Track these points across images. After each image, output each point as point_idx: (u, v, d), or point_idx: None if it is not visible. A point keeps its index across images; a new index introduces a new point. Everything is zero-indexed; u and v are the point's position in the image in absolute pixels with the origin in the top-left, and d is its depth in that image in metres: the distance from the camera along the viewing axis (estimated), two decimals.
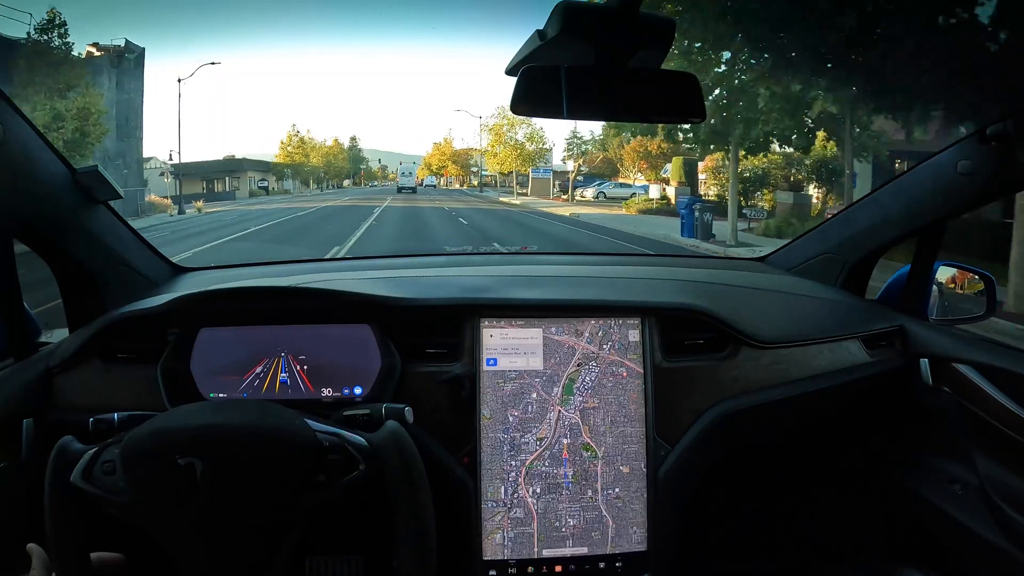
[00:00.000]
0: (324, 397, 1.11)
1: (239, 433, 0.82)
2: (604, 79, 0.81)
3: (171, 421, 0.83)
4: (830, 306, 1.35)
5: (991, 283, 1.31)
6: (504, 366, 1.13)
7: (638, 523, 1.12)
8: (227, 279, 1.38)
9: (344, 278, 1.32)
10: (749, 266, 1.65)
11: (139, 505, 0.82)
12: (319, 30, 46.17)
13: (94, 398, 1.09)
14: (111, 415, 0.90)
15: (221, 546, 0.84)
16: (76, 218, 1.17)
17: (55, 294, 1.24)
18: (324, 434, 0.85)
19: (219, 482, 0.79)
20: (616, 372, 1.14)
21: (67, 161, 1.12)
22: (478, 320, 1.14)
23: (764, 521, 1.45)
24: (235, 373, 1.10)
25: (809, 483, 1.44)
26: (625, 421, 1.13)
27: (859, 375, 1.24)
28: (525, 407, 1.12)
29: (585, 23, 0.76)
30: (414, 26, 49.20)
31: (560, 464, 1.12)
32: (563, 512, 1.11)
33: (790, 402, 1.21)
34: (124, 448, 0.81)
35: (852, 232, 1.40)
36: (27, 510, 0.93)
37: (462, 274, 1.39)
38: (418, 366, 1.14)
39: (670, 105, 0.84)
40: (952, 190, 1.17)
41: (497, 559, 1.10)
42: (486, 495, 1.11)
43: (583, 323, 1.15)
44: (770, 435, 1.33)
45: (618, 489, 1.12)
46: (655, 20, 0.78)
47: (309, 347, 1.11)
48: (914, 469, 1.28)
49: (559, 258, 1.86)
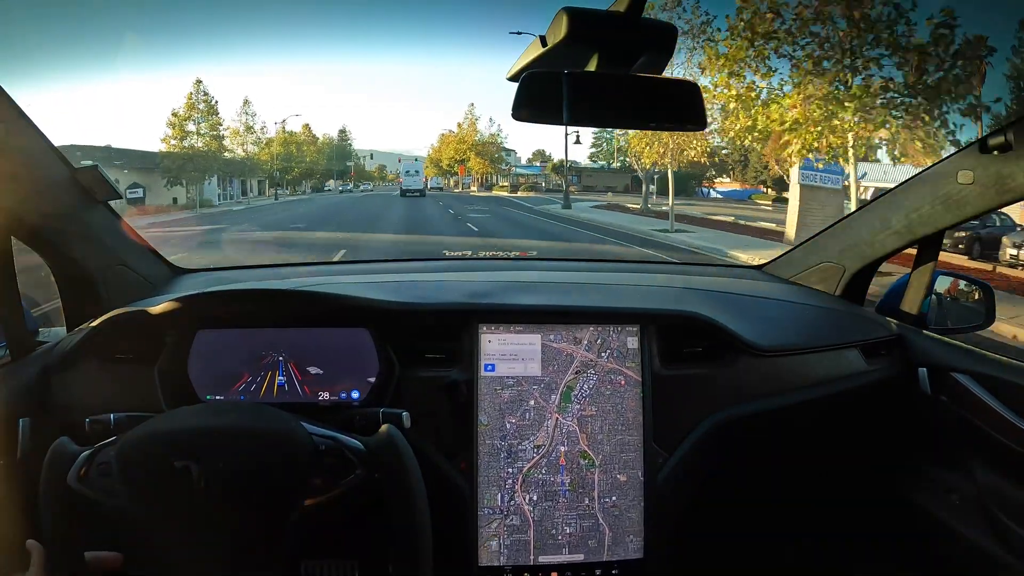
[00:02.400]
0: (321, 401, 1.10)
1: (236, 436, 0.81)
2: (606, 85, 0.81)
3: (168, 423, 0.83)
4: (829, 315, 1.35)
5: (990, 292, 1.31)
6: (502, 372, 1.13)
7: (635, 531, 1.11)
8: (226, 281, 1.38)
9: (343, 282, 1.32)
10: (748, 274, 1.65)
11: (135, 507, 0.81)
12: (308, 20, 38.91)
13: (91, 398, 1.09)
14: (107, 416, 0.90)
15: (217, 549, 0.83)
16: (75, 217, 1.17)
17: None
18: (321, 438, 0.84)
19: (215, 485, 0.79)
20: (614, 380, 1.14)
21: (67, 160, 1.12)
22: (476, 325, 1.14)
23: (761, 530, 1.44)
24: (232, 376, 1.10)
25: (806, 492, 1.44)
26: (623, 429, 1.13)
27: (857, 384, 1.24)
28: (523, 414, 1.12)
29: (587, 29, 0.76)
30: (414, 25, 43.80)
31: (557, 472, 1.11)
32: (560, 520, 1.11)
33: (788, 410, 1.21)
34: (120, 450, 0.81)
35: (852, 241, 1.40)
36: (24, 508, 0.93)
37: (461, 279, 1.39)
38: (416, 371, 1.13)
39: (671, 112, 0.84)
40: (952, 199, 1.18)
41: (493, 565, 1.09)
42: (483, 502, 1.10)
43: (581, 330, 1.15)
44: (768, 443, 1.32)
45: (615, 497, 1.11)
46: (657, 26, 0.78)
47: (307, 351, 1.11)
48: (912, 478, 1.27)
49: (558, 264, 1.86)
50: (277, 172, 25.05)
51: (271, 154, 24.12)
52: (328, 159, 29.79)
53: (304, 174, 27.73)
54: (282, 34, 37.30)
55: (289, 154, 26.16)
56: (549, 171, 31.05)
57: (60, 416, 1.07)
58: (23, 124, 1.00)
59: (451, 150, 29.68)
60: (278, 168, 24.94)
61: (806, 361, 1.22)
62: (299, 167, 27.07)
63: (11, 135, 0.97)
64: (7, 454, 1.03)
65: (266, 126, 26.10)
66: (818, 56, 8.04)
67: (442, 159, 30.51)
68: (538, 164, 32.38)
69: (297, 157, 26.92)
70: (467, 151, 28.86)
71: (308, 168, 27.93)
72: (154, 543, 0.84)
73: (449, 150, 29.94)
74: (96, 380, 1.12)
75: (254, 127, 22.09)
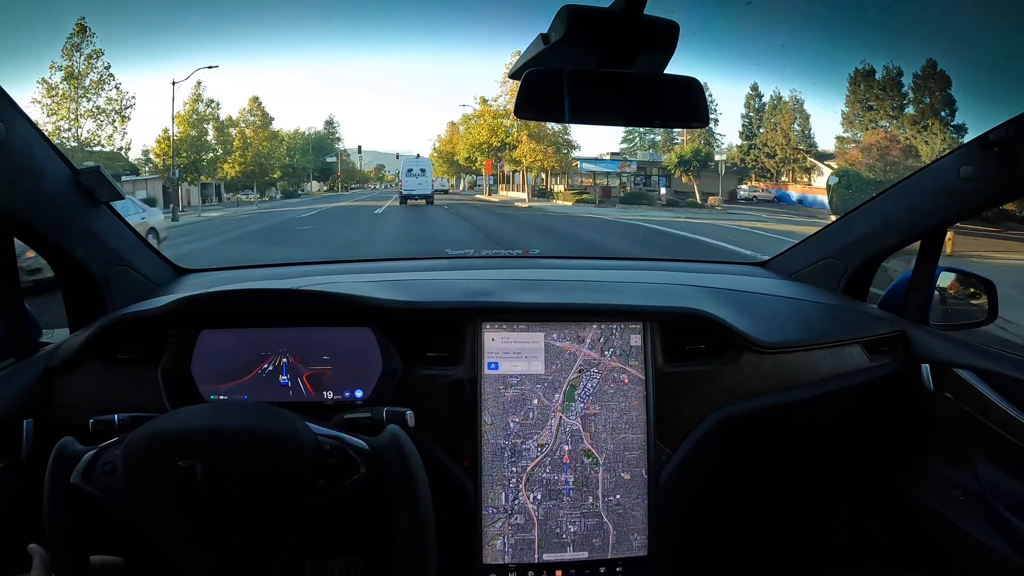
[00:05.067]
0: (325, 400, 1.10)
1: (239, 436, 0.81)
2: (607, 83, 0.81)
3: (172, 423, 0.83)
4: (832, 311, 1.35)
5: (992, 288, 1.31)
6: (505, 370, 1.13)
7: (639, 529, 1.11)
8: (229, 281, 1.38)
9: (346, 281, 1.31)
10: (751, 271, 1.65)
11: (139, 507, 0.81)
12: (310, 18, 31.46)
13: (95, 399, 1.09)
14: (111, 416, 0.90)
15: (221, 549, 0.83)
16: (78, 218, 1.17)
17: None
18: (325, 437, 0.84)
19: (219, 485, 0.79)
20: (617, 378, 1.14)
21: (69, 161, 1.12)
22: (479, 323, 1.14)
23: (765, 526, 1.44)
24: (236, 375, 1.10)
25: (810, 488, 1.44)
26: (626, 428, 1.13)
27: (860, 380, 1.24)
28: (526, 413, 1.12)
29: (588, 26, 0.76)
30: (413, 24, 39.39)
31: (561, 471, 1.11)
32: (564, 519, 1.11)
33: (791, 407, 1.21)
34: (124, 450, 0.81)
35: (854, 237, 1.40)
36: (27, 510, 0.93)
37: (464, 277, 1.39)
38: (419, 370, 1.13)
39: (673, 110, 0.84)
40: (954, 195, 1.17)
41: (497, 564, 1.09)
42: (487, 501, 1.10)
43: (584, 328, 1.15)
44: (771, 440, 1.32)
45: (619, 496, 1.12)
46: (659, 23, 0.78)
47: (310, 350, 1.11)
48: (915, 474, 1.27)
49: (561, 262, 1.86)
50: (177, 171, 14.93)
51: (167, 142, 14.73)
52: (303, 154, 20.67)
53: (250, 174, 17.58)
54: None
55: (200, 142, 16.01)
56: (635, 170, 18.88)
57: (64, 417, 1.07)
58: (24, 125, 1.00)
59: (482, 132, 18.07)
60: (181, 164, 15.01)
61: (809, 358, 1.22)
62: (237, 164, 16.92)
63: (13, 135, 0.97)
64: (11, 455, 1.04)
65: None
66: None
67: (458, 152, 20.18)
68: (607, 157, 19.77)
69: (240, 148, 17.03)
70: (516, 133, 17.46)
71: (257, 165, 17.73)
72: (158, 543, 0.84)
73: (480, 133, 18.24)
74: (100, 381, 1.12)
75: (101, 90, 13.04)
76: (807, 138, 16.63)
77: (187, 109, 15.61)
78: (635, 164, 19.43)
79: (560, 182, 18.92)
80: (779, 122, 16.72)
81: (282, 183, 19.98)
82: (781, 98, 16.93)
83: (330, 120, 22.76)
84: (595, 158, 19.80)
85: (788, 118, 16.63)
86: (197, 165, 15.83)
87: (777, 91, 16.93)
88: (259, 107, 17.94)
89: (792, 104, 16.72)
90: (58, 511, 0.81)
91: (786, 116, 16.64)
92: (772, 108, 17.07)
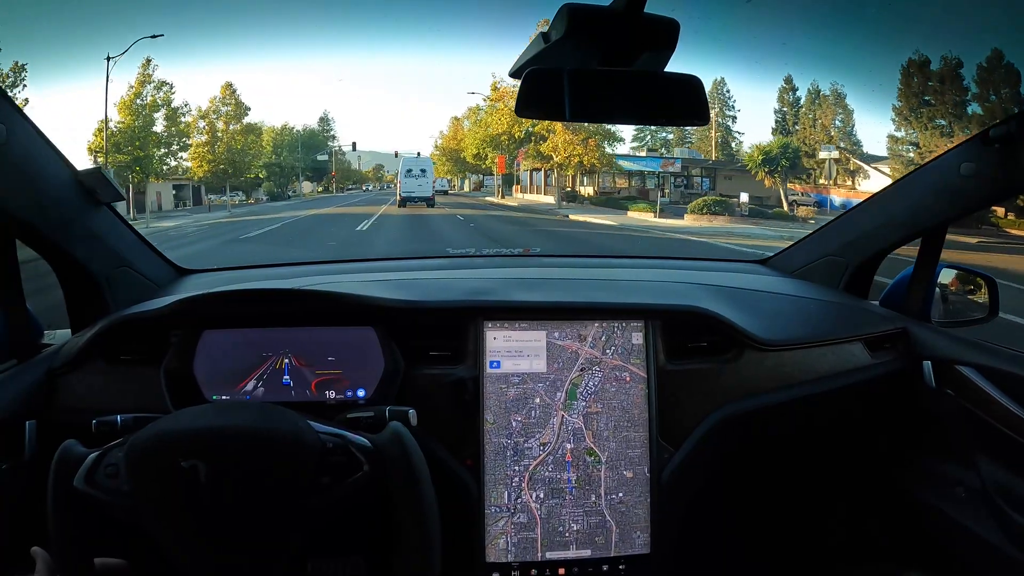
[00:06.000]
0: (327, 400, 1.10)
1: (242, 435, 0.81)
2: (608, 81, 0.80)
3: (174, 424, 0.83)
4: (833, 308, 1.35)
5: (994, 285, 1.31)
6: (507, 368, 1.13)
7: (641, 527, 1.12)
8: (231, 281, 1.38)
9: (348, 281, 1.32)
10: (752, 268, 1.65)
11: (142, 508, 0.81)
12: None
13: (97, 400, 1.09)
14: (114, 417, 0.90)
15: (225, 549, 0.83)
16: (79, 219, 1.17)
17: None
18: (327, 435, 0.84)
19: (222, 485, 0.79)
20: (619, 377, 1.14)
21: (70, 163, 1.12)
22: (481, 322, 1.14)
23: (767, 524, 1.44)
24: (238, 375, 1.10)
25: (812, 486, 1.44)
26: (628, 426, 1.13)
27: (862, 377, 1.24)
28: (528, 412, 1.12)
29: (589, 25, 0.76)
30: (412, 22, 37.31)
31: (564, 469, 1.12)
32: (566, 517, 1.11)
33: (793, 404, 1.21)
34: (128, 451, 0.81)
35: (855, 234, 1.40)
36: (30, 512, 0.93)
37: (465, 276, 1.39)
38: (421, 369, 1.13)
39: (674, 108, 0.84)
40: (955, 192, 1.17)
41: (500, 562, 1.10)
42: (489, 500, 1.10)
43: (586, 327, 1.15)
44: (773, 438, 1.32)
45: (621, 494, 1.12)
46: (660, 21, 0.77)
47: (312, 349, 1.11)
48: (917, 472, 1.27)
49: (562, 260, 1.86)
50: (111, 171, 11.42)
51: (103, 135, 12.04)
52: (291, 151, 18.57)
53: (221, 173, 15.05)
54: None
55: (146, 134, 13.11)
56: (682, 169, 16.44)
57: (66, 418, 1.07)
58: (25, 126, 1.00)
59: (501, 122, 15.11)
60: (121, 161, 12.32)
61: (810, 355, 1.22)
62: (205, 161, 14.43)
63: (13, 137, 0.97)
64: (13, 456, 1.04)
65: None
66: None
67: (464, 149, 17.81)
68: (646, 154, 17.31)
69: (208, 143, 14.54)
70: (506, 127, 15.00)
71: (230, 163, 15.14)
72: (161, 544, 0.84)
73: (498, 122, 15.23)
74: (102, 382, 1.12)
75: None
76: (849, 136, 14.65)
77: (130, 94, 12.56)
78: (679, 162, 16.36)
79: (588, 183, 16.07)
80: (819, 117, 14.81)
81: (267, 184, 17.75)
82: (820, 91, 14.95)
83: (324, 116, 21.13)
84: (630, 155, 16.96)
85: (830, 113, 14.82)
86: (142, 163, 12.75)
87: (815, 84, 15.06)
88: (232, 95, 15.10)
89: (833, 99, 14.81)
90: (61, 516, 0.81)
91: (827, 111, 14.82)
92: (810, 103, 15.10)
